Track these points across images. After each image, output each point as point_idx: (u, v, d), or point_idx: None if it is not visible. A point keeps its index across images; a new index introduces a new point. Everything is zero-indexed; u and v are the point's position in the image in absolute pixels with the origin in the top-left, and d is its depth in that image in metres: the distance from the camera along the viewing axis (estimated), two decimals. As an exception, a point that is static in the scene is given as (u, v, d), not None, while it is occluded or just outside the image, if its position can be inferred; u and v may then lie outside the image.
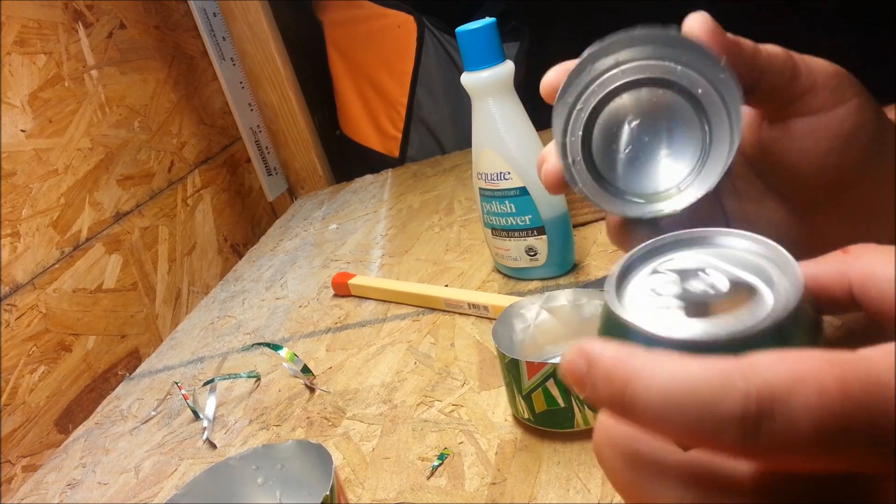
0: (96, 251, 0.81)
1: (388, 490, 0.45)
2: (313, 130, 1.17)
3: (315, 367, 0.61)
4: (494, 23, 0.58)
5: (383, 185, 1.07)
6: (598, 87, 0.29)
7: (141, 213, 0.89)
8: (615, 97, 0.29)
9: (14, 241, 0.71)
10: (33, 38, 0.78)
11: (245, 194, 1.14)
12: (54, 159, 0.78)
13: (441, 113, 1.18)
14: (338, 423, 0.53)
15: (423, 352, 0.59)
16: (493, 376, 0.53)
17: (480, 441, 0.46)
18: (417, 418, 0.51)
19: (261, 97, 1.13)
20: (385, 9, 1.14)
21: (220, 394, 0.62)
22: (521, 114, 0.61)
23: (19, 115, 0.75)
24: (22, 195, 0.73)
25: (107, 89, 0.88)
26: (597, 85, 0.29)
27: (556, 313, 0.50)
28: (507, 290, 0.65)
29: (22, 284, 0.71)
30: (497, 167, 0.61)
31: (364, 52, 1.18)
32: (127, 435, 0.62)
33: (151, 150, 0.94)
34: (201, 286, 0.98)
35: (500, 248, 0.65)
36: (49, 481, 0.59)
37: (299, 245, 0.94)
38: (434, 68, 1.16)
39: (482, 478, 0.43)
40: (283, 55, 1.12)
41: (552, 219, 0.62)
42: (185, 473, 0.53)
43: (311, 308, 0.74)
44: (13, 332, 0.69)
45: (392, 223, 0.90)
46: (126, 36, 0.94)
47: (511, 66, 0.59)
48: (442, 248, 0.78)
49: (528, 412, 0.45)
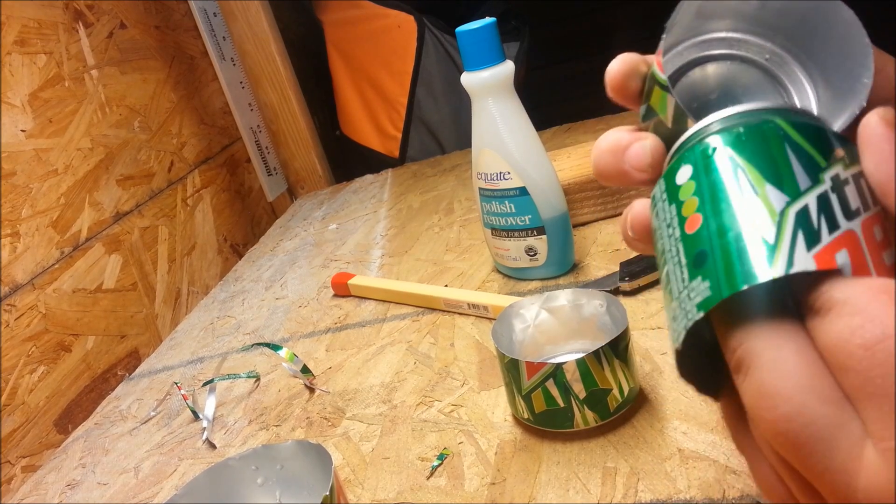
0: (96, 251, 0.81)
1: (388, 490, 0.45)
2: (313, 130, 1.17)
3: (315, 368, 0.61)
4: (494, 23, 0.58)
5: (383, 185, 1.07)
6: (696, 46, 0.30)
7: (141, 213, 0.89)
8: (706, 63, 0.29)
9: (14, 241, 0.71)
10: (33, 38, 0.78)
11: (245, 194, 1.14)
12: (54, 159, 0.78)
13: (441, 113, 1.18)
14: (337, 423, 0.53)
15: (423, 352, 0.59)
16: (492, 376, 0.53)
17: (480, 441, 0.46)
18: (417, 418, 0.51)
19: (261, 97, 1.13)
20: (385, 9, 1.14)
21: (219, 394, 0.62)
22: (521, 114, 0.61)
23: (19, 115, 0.75)
24: (22, 195, 0.73)
25: (107, 89, 0.88)
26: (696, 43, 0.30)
27: (556, 313, 0.50)
28: (507, 290, 0.65)
29: (22, 284, 0.71)
30: (497, 167, 0.61)
31: (364, 52, 1.18)
32: (126, 435, 0.62)
33: (151, 150, 0.94)
34: (201, 286, 0.98)
35: (500, 248, 0.65)
36: (49, 482, 0.59)
37: (299, 245, 0.94)
38: (434, 68, 1.16)
39: (482, 478, 0.43)
40: (283, 55, 1.12)
41: (552, 219, 0.62)
42: (185, 474, 0.53)
43: (310, 308, 0.74)
44: (13, 333, 0.69)
45: (392, 223, 0.90)
46: (126, 36, 0.94)
47: (511, 66, 0.59)
48: (442, 248, 0.78)
49: (527, 412, 0.45)
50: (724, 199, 0.23)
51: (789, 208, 0.22)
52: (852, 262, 0.21)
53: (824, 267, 0.21)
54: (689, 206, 0.24)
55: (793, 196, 0.22)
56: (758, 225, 0.22)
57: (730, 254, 0.22)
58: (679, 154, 0.26)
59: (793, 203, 0.22)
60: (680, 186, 0.25)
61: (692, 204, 0.24)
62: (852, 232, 0.22)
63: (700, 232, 0.24)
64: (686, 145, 0.26)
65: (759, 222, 0.22)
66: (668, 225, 0.25)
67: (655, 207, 0.27)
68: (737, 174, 0.23)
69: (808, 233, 0.22)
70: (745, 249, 0.22)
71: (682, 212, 0.24)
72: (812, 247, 0.22)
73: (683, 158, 0.25)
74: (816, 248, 0.21)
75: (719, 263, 0.23)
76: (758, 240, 0.22)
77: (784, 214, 0.22)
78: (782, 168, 0.23)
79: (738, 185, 0.23)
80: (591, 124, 1.04)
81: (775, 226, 0.22)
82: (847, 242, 0.22)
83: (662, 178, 0.26)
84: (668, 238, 0.25)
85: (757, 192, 0.23)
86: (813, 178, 0.23)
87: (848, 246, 0.22)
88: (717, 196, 0.24)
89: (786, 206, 0.22)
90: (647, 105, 0.29)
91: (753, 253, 0.22)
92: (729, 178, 0.23)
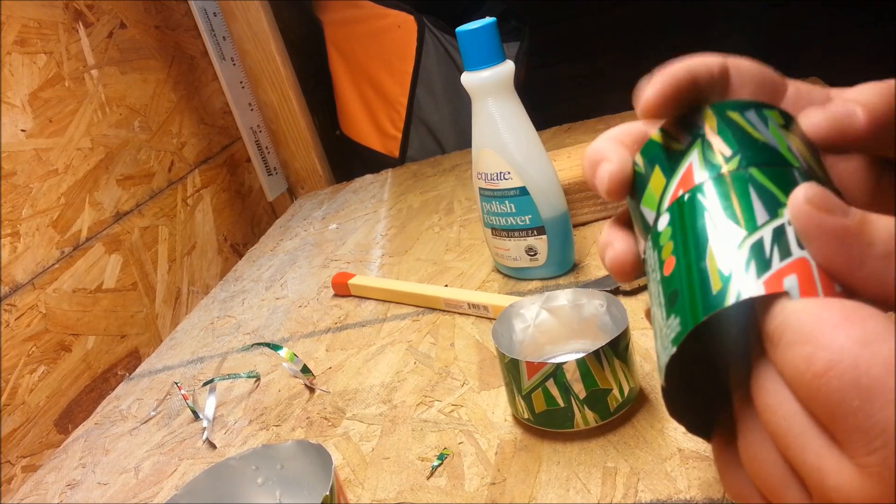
0: (96, 251, 0.81)
1: (388, 490, 0.45)
2: (313, 130, 1.17)
3: (315, 367, 0.61)
4: (494, 23, 0.58)
5: (383, 185, 1.07)
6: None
7: (141, 212, 0.89)
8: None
9: (14, 241, 0.71)
10: (33, 38, 0.78)
11: (245, 194, 1.14)
12: (54, 159, 0.78)
13: (441, 113, 1.18)
14: (337, 423, 0.53)
15: (423, 352, 0.59)
16: (492, 376, 0.53)
17: (480, 441, 0.46)
18: (417, 418, 0.51)
19: (261, 97, 1.13)
20: (385, 9, 1.14)
21: (219, 394, 0.62)
22: (521, 114, 0.61)
23: (19, 114, 0.75)
24: (22, 195, 0.73)
25: (107, 89, 0.88)
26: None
27: (556, 313, 0.50)
28: (507, 290, 0.65)
29: (22, 284, 0.71)
30: (497, 167, 0.61)
31: (364, 52, 1.18)
32: (127, 435, 0.62)
33: (151, 150, 0.94)
34: (201, 286, 0.98)
35: (500, 248, 0.65)
36: (49, 481, 0.59)
37: (299, 245, 0.94)
38: (434, 68, 1.16)
39: (482, 478, 0.43)
40: (283, 55, 1.12)
41: (552, 219, 0.62)
42: (185, 473, 0.53)
43: (310, 308, 0.74)
44: (13, 332, 0.69)
45: (392, 223, 0.90)
46: (126, 36, 0.94)
47: (511, 66, 0.59)
48: (442, 247, 0.78)
49: (527, 412, 0.45)
50: (691, 239, 0.25)
51: (746, 241, 0.23)
52: (800, 286, 0.22)
53: (771, 291, 0.22)
54: (666, 250, 0.26)
55: (750, 230, 0.24)
56: (717, 259, 0.24)
57: (693, 289, 0.24)
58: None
59: (749, 236, 0.23)
60: (660, 233, 0.27)
61: (668, 248, 0.26)
62: (804, 259, 0.23)
63: (673, 273, 0.25)
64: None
65: (719, 256, 0.24)
66: (652, 270, 0.27)
67: (645, 254, 0.28)
68: (703, 216, 0.25)
69: (760, 261, 0.23)
70: (707, 282, 0.23)
71: (662, 256, 0.26)
72: (762, 273, 0.22)
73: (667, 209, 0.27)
74: (766, 275, 0.22)
75: (686, 299, 0.24)
76: (715, 273, 0.23)
77: (740, 246, 0.23)
78: (743, 207, 0.24)
79: (703, 225, 0.25)
80: (590, 124, 1.04)
81: (732, 258, 0.23)
82: (797, 268, 0.22)
83: (651, 229, 0.28)
84: (652, 282, 0.27)
85: (718, 229, 0.24)
86: (771, 212, 0.24)
87: (797, 271, 0.22)
88: (686, 238, 0.25)
89: (742, 240, 0.23)
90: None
91: (713, 284, 0.23)
92: (696, 221, 0.25)
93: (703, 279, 0.23)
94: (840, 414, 0.20)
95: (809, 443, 0.21)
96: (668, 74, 0.28)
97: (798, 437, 0.21)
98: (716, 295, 0.23)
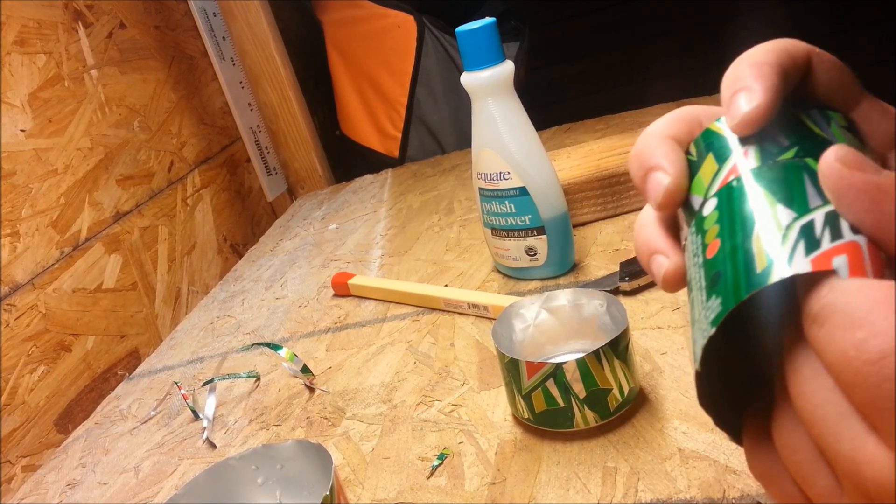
0: (96, 251, 0.81)
1: (388, 490, 0.45)
2: (313, 130, 1.17)
3: (315, 367, 0.61)
4: (494, 23, 0.58)
5: (383, 185, 1.07)
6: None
7: (141, 213, 0.89)
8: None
9: (14, 241, 0.71)
10: (33, 38, 0.78)
11: (245, 194, 1.14)
12: (54, 159, 0.78)
13: (441, 113, 1.18)
14: (337, 422, 0.53)
15: (423, 352, 0.59)
16: (492, 376, 0.53)
17: (480, 441, 0.46)
18: (417, 418, 0.51)
19: (261, 97, 1.13)
20: (385, 9, 1.14)
21: (219, 394, 0.62)
22: (521, 114, 0.61)
23: (19, 114, 0.75)
24: (22, 195, 0.73)
25: (107, 89, 0.88)
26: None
27: (556, 313, 0.50)
28: (507, 290, 0.65)
29: (22, 284, 0.71)
30: (497, 167, 0.61)
31: (364, 52, 1.18)
32: (127, 435, 0.62)
33: (151, 150, 0.94)
34: (201, 286, 0.98)
35: (500, 248, 0.65)
36: (49, 481, 0.59)
37: (299, 245, 0.94)
38: (434, 68, 1.16)
39: (482, 478, 0.43)
40: (283, 55, 1.12)
41: (552, 219, 0.62)
42: (185, 473, 0.53)
43: (310, 308, 0.74)
44: (13, 332, 0.69)
45: (392, 223, 0.90)
46: (126, 36, 0.94)
47: (511, 66, 0.59)
48: (442, 248, 0.78)
49: (527, 412, 0.45)
50: (738, 221, 0.24)
51: (795, 222, 0.23)
52: (850, 266, 0.21)
53: (818, 268, 0.21)
54: (710, 233, 0.25)
55: (801, 212, 0.23)
56: (764, 240, 0.23)
57: (738, 268, 0.23)
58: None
59: (800, 218, 0.23)
60: (705, 217, 0.26)
61: (713, 231, 0.25)
62: (856, 243, 0.22)
63: (717, 255, 0.25)
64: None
65: (766, 237, 0.23)
66: (694, 255, 0.26)
67: (685, 242, 0.28)
68: (753, 198, 0.24)
69: (809, 241, 0.22)
70: (752, 262, 0.23)
71: (705, 240, 0.26)
72: (811, 252, 0.22)
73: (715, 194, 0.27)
74: (815, 254, 0.22)
75: (728, 279, 0.23)
76: (761, 252, 0.23)
77: (790, 227, 0.23)
78: (795, 191, 0.24)
79: (752, 208, 0.24)
80: (590, 124, 1.04)
81: (780, 238, 0.23)
82: (848, 249, 0.22)
83: (695, 214, 0.27)
84: (693, 266, 0.26)
85: (768, 212, 0.24)
86: (825, 199, 0.23)
87: (848, 252, 0.22)
88: (733, 220, 0.25)
89: (792, 221, 0.23)
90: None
91: (757, 264, 0.23)
92: (745, 204, 0.25)
93: (747, 259, 0.23)
94: (891, 404, 0.19)
95: (844, 431, 0.21)
96: (765, 79, 0.26)
97: (833, 426, 0.21)
98: (760, 273, 0.22)
